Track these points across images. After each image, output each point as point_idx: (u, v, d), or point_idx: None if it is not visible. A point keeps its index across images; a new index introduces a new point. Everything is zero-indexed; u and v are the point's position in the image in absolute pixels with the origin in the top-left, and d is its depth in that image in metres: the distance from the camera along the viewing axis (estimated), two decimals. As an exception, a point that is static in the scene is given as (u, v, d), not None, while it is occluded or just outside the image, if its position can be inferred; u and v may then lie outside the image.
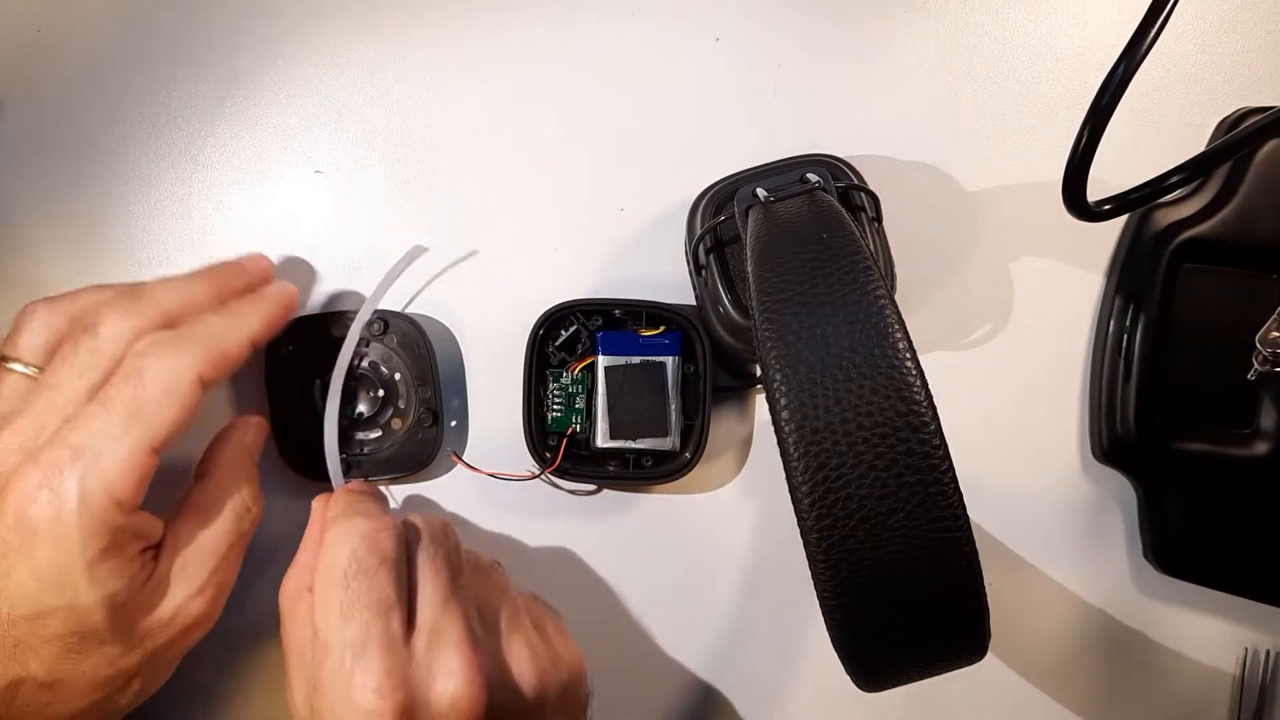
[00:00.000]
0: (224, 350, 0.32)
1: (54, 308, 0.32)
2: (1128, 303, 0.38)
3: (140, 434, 0.29)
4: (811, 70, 0.39)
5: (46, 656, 0.29)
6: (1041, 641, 0.39)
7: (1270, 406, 0.37)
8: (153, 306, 0.32)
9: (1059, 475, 0.39)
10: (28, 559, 0.28)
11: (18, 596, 0.28)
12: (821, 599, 0.26)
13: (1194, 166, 0.32)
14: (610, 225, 0.39)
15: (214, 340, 0.31)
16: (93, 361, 0.31)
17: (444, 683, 0.29)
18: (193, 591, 0.32)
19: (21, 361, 0.32)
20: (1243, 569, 0.38)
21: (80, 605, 0.29)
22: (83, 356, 0.31)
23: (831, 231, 0.28)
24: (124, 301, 0.32)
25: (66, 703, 0.30)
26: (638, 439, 0.37)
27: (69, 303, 0.33)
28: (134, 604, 0.30)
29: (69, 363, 0.31)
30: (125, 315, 0.31)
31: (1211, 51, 0.39)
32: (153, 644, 0.31)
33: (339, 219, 0.39)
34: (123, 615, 0.30)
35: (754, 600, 0.39)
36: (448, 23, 0.40)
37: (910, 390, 0.24)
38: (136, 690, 0.32)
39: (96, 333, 0.31)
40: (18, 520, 0.28)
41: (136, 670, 0.31)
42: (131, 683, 0.31)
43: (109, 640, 0.30)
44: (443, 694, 0.29)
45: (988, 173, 0.39)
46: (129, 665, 0.30)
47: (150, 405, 0.29)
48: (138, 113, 0.39)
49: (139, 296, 0.32)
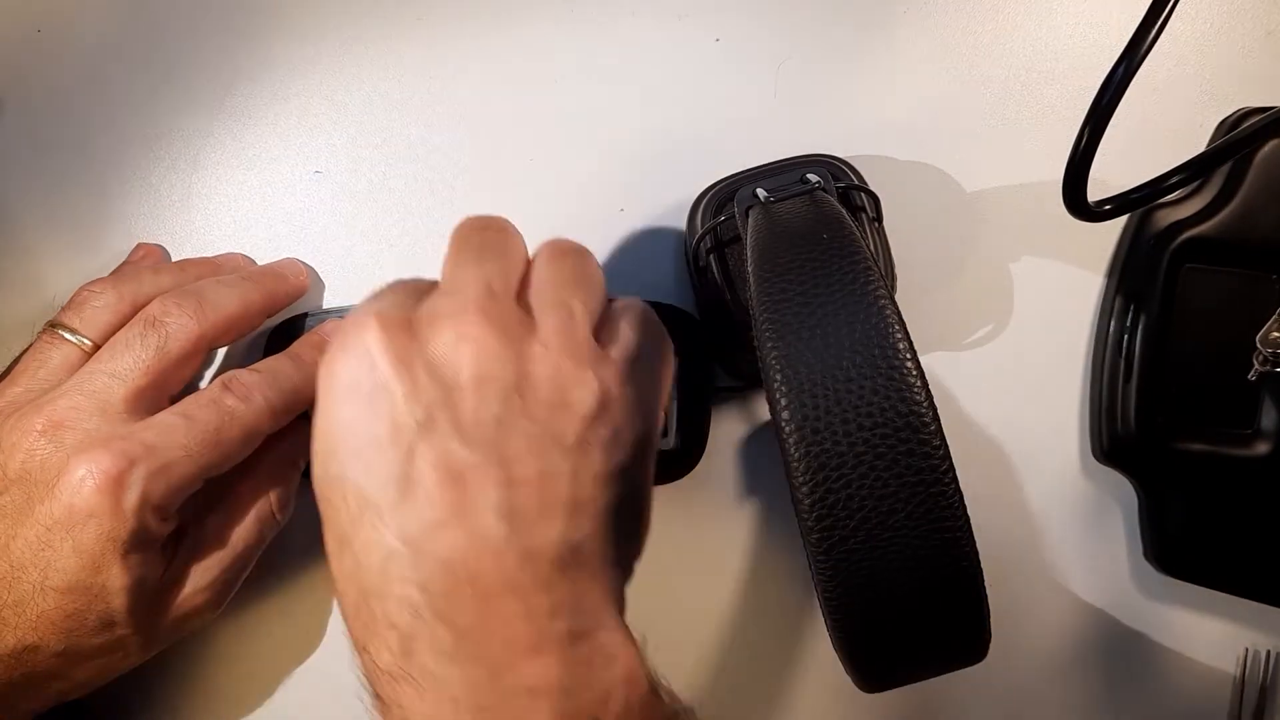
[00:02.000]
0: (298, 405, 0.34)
1: (121, 290, 0.34)
2: (1128, 303, 0.38)
3: (209, 461, 0.31)
4: (811, 70, 0.39)
5: (64, 629, 0.30)
6: (1041, 642, 0.39)
7: (1270, 407, 0.37)
8: (218, 315, 0.34)
9: (1059, 475, 0.39)
10: (74, 536, 0.29)
11: (56, 569, 0.30)
12: (822, 599, 0.26)
13: (1194, 167, 0.32)
14: (610, 225, 0.39)
15: (294, 395, 0.33)
16: (158, 360, 0.32)
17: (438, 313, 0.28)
18: (203, 585, 0.33)
19: (78, 334, 0.33)
20: (1243, 569, 0.38)
21: (110, 588, 0.30)
22: (149, 352, 0.32)
23: (832, 231, 0.28)
24: (190, 302, 0.33)
25: (68, 671, 0.31)
26: (638, 439, 0.37)
27: (133, 286, 0.35)
28: (152, 593, 0.32)
29: (134, 353, 0.32)
30: (193, 318, 0.33)
31: (1211, 51, 0.39)
32: (155, 629, 0.32)
33: (339, 219, 0.39)
34: (140, 602, 0.31)
35: (754, 600, 0.39)
36: (447, 23, 0.40)
37: (910, 390, 0.24)
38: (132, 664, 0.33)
39: (165, 332, 0.33)
40: (74, 499, 0.29)
41: (135, 648, 0.32)
42: (127, 658, 0.33)
43: (121, 623, 0.31)
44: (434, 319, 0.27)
45: (988, 173, 0.39)
46: (130, 644, 0.32)
47: (229, 443, 0.31)
48: (137, 113, 0.39)
49: (205, 300, 0.34)
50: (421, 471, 0.26)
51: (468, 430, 0.26)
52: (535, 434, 0.26)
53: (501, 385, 0.26)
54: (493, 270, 0.29)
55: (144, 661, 0.34)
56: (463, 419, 0.26)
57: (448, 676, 0.25)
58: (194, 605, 0.33)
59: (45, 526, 0.30)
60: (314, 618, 0.39)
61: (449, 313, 0.27)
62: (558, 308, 0.28)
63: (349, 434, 0.26)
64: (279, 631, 0.38)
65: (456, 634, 0.25)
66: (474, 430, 0.26)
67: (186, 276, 0.36)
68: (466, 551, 0.25)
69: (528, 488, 0.26)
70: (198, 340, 0.33)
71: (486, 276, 0.28)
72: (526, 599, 0.25)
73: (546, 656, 0.25)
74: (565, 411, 0.27)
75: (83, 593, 0.30)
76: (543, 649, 0.25)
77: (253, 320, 0.36)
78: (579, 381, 0.27)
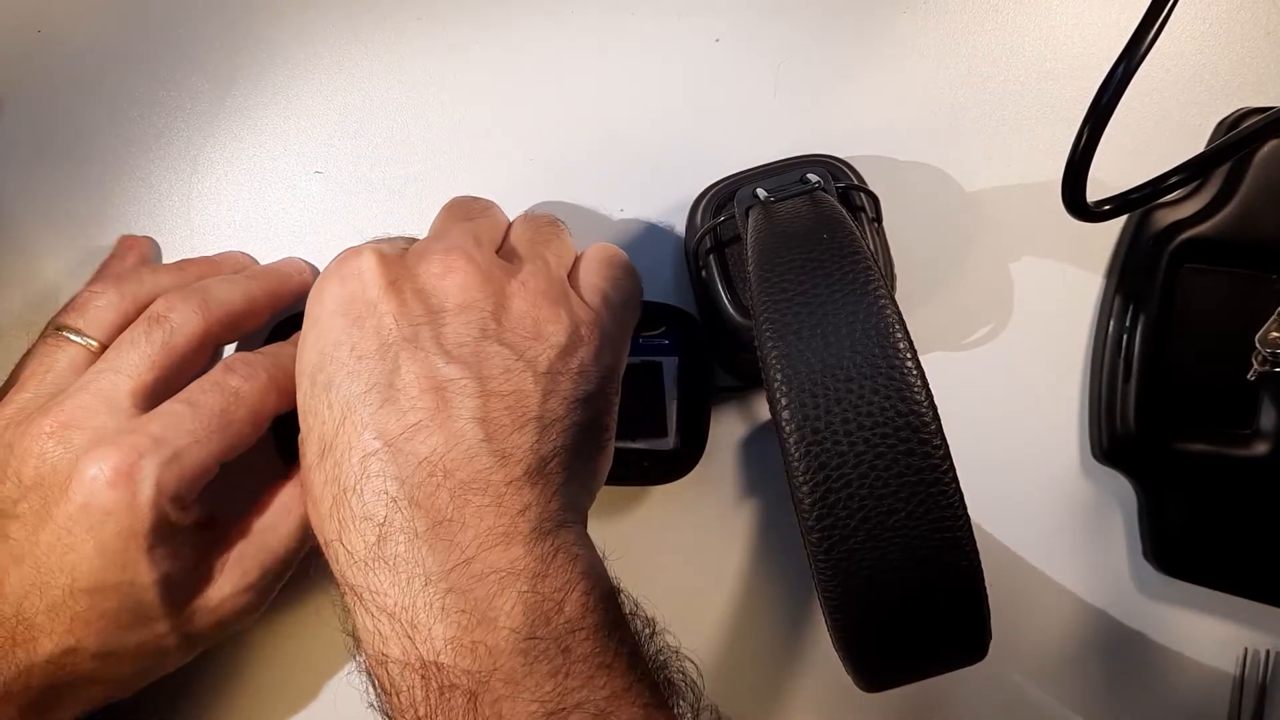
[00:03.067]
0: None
1: (121, 288, 0.34)
2: (1128, 303, 0.38)
3: (219, 445, 0.31)
4: (811, 70, 0.40)
5: (99, 629, 0.30)
6: (1041, 642, 0.39)
7: (1270, 407, 0.37)
8: (222, 311, 0.34)
9: (1059, 475, 0.39)
10: (95, 535, 0.30)
11: (82, 571, 0.30)
12: (822, 599, 0.26)
13: (1194, 167, 0.32)
14: (610, 225, 0.39)
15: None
16: (163, 356, 0.32)
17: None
18: (242, 586, 0.32)
19: (84, 335, 0.34)
20: (1243, 569, 0.38)
21: (140, 583, 0.30)
22: (154, 348, 0.32)
23: (832, 231, 0.28)
24: (195, 298, 0.34)
25: (109, 671, 0.31)
26: (637, 440, 0.37)
27: (134, 284, 0.35)
28: (185, 586, 0.32)
29: (140, 350, 0.32)
30: (196, 312, 0.33)
31: (1211, 51, 0.39)
32: (194, 627, 0.32)
33: (339, 219, 0.39)
34: (173, 596, 0.31)
35: (754, 600, 0.39)
36: (448, 23, 0.40)
37: (910, 390, 0.24)
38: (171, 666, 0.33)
39: (169, 326, 0.33)
40: (89, 498, 0.29)
41: (175, 647, 0.32)
42: (168, 657, 0.32)
43: (156, 618, 0.31)
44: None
45: (988, 173, 0.39)
46: (170, 643, 0.32)
47: (237, 424, 0.31)
48: (137, 113, 0.39)
49: (208, 294, 0.34)
50: (405, 381, 0.28)
51: (450, 349, 0.28)
52: (511, 358, 0.29)
53: (481, 313, 0.29)
54: (477, 226, 0.32)
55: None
56: (445, 339, 0.29)
57: (421, 559, 0.26)
58: (235, 606, 0.32)
59: (65, 529, 0.30)
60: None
61: (438, 251, 0.30)
62: (533, 258, 0.32)
63: (338, 346, 0.29)
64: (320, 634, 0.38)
65: (431, 520, 0.26)
66: (455, 350, 0.28)
67: (187, 276, 0.36)
68: (444, 450, 0.27)
69: (502, 401, 0.28)
70: (203, 334, 0.33)
71: (473, 230, 0.32)
72: (498, 495, 0.27)
73: (515, 547, 0.27)
74: (539, 342, 0.29)
75: (113, 591, 0.30)
76: (512, 539, 0.27)
77: (257, 316, 0.36)
78: (552, 318, 0.30)
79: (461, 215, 0.33)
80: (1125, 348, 0.38)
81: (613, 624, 0.27)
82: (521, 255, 0.32)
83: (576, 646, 0.26)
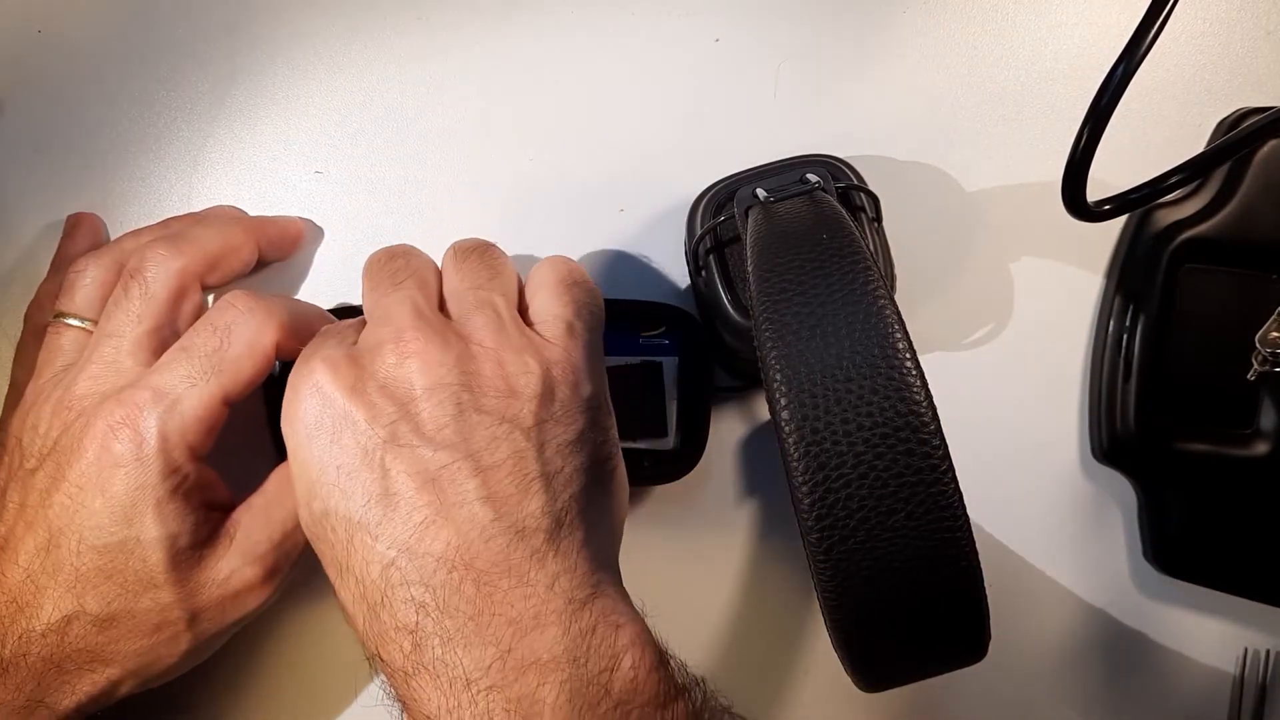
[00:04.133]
0: (308, 326, 0.33)
1: (100, 260, 0.35)
2: (1128, 303, 0.38)
3: (220, 384, 0.31)
4: (811, 70, 0.40)
5: (104, 592, 0.30)
6: (1041, 641, 0.39)
7: (1270, 406, 0.37)
8: (195, 248, 0.34)
9: (1059, 475, 0.39)
10: (104, 491, 0.30)
11: (90, 526, 0.30)
12: (822, 599, 0.26)
13: (1194, 167, 0.32)
14: (610, 225, 0.39)
15: (299, 315, 0.33)
16: (147, 306, 0.32)
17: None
18: (250, 559, 0.32)
19: (78, 316, 0.34)
20: (1243, 569, 0.38)
21: (145, 539, 0.30)
22: (135, 302, 0.32)
23: (831, 232, 0.28)
24: (167, 245, 0.33)
25: (115, 645, 0.31)
26: (637, 440, 0.37)
27: (114, 252, 0.35)
28: (191, 553, 0.31)
29: (122, 309, 0.32)
30: (170, 257, 0.33)
31: (1211, 51, 0.39)
32: (201, 601, 0.31)
33: (339, 219, 0.39)
34: (179, 560, 0.31)
35: (754, 600, 0.39)
36: (447, 22, 0.40)
37: (910, 390, 0.24)
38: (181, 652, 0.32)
39: (144, 277, 0.33)
40: (99, 455, 0.30)
41: (182, 625, 0.31)
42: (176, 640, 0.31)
43: (162, 584, 0.31)
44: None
45: (988, 173, 0.39)
46: (175, 617, 0.31)
47: (232, 360, 0.31)
48: (137, 113, 0.39)
49: (181, 237, 0.34)
50: (398, 483, 0.27)
51: (431, 435, 0.28)
52: (494, 424, 0.28)
53: (452, 388, 0.28)
54: (411, 291, 0.31)
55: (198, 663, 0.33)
56: (424, 427, 0.28)
57: (458, 660, 0.26)
58: (243, 581, 0.32)
59: (77, 486, 0.30)
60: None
61: (386, 338, 0.29)
62: (481, 307, 0.31)
63: (323, 470, 0.28)
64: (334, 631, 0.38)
65: (462, 621, 0.26)
66: (437, 434, 0.28)
67: (169, 230, 0.36)
68: (458, 543, 0.26)
69: (501, 471, 0.27)
70: (180, 275, 0.33)
71: (409, 298, 0.30)
72: (523, 575, 0.26)
73: (551, 629, 0.26)
74: (515, 398, 0.29)
75: (118, 549, 0.30)
76: (545, 622, 0.26)
77: (241, 258, 0.36)
78: (521, 369, 0.29)
79: (389, 282, 0.32)
80: (1125, 348, 0.38)
81: (664, 697, 0.27)
82: (468, 307, 0.31)
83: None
